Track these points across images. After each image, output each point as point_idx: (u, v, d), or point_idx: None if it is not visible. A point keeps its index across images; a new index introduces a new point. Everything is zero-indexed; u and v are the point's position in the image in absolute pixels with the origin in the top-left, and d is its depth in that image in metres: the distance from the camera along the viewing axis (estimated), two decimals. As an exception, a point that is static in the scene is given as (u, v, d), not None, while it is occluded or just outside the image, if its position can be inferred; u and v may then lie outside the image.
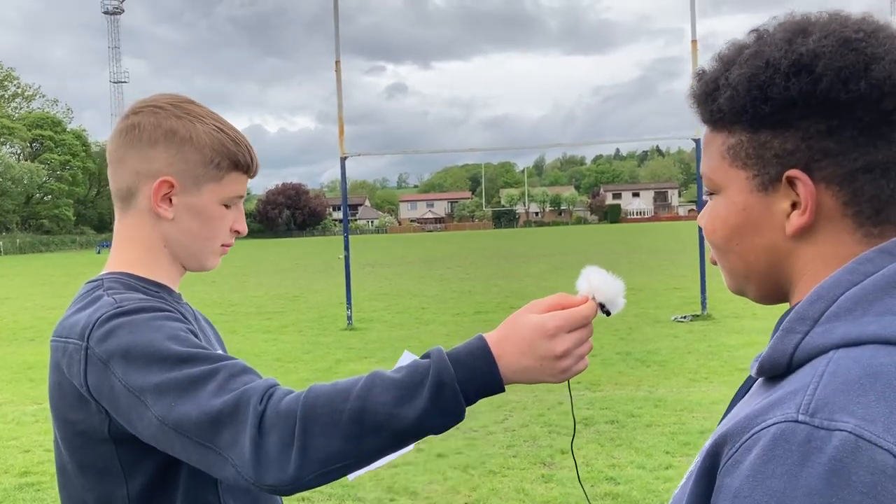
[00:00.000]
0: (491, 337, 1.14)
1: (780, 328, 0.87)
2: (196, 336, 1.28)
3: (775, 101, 0.86)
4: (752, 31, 0.92)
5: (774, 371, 0.86)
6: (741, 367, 8.69)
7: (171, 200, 1.37)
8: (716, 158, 0.94)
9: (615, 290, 1.20)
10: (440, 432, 1.12)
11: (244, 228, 1.47)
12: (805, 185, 0.86)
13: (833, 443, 0.72)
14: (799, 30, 0.88)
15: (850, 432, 0.72)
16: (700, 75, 0.95)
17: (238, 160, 1.40)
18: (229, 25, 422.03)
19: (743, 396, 0.97)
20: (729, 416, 0.93)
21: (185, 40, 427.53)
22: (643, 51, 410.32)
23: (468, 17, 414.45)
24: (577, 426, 6.77)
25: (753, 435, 0.77)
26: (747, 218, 0.91)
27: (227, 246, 1.47)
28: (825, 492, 0.71)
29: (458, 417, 1.12)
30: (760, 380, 0.92)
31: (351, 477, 1.55)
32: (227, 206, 1.42)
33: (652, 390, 7.88)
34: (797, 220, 0.87)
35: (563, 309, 1.16)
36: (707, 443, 0.85)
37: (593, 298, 1.18)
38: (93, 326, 1.23)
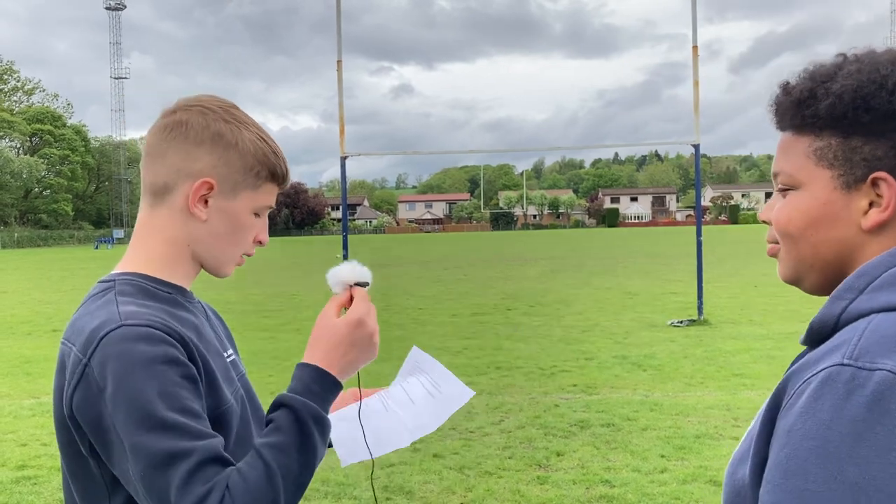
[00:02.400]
0: (319, 358, 1.34)
1: (830, 297, 1.01)
2: (194, 379, 1.27)
3: (877, 112, 0.98)
4: (839, 54, 1.06)
5: (822, 331, 0.99)
6: (737, 373, 8.73)
7: (206, 202, 1.38)
8: (800, 158, 1.05)
9: (355, 271, 1.43)
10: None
11: (266, 239, 1.49)
12: (890, 187, 0.98)
13: (874, 380, 0.85)
14: None
15: (889, 371, 0.85)
16: (787, 87, 1.07)
17: (276, 171, 1.43)
18: (235, 23, 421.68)
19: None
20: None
21: (191, 37, 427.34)
22: (647, 56, 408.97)
23: (473, 19, 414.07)
24: (572, 428, 6.80)
25: (805, 381, 0.90)
26: (827, 212, 1.02)
27: (247, 255, 1.48)
28: (867, 418, 0.84)
29: (329, 433, 1.33)
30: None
31: (343, 462, 1.59)
32: (256, 216, 1.44)
33: (648, 394, 7.91)
34: (877, 215, 0.99)
35: (341, 306, 1.41)
36: (767, 399, 0.99)
37: (353, 285, 1.43)
38: (96, 345, 1.23)
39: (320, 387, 1.31)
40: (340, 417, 1.56)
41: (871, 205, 1.00)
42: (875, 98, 0.98)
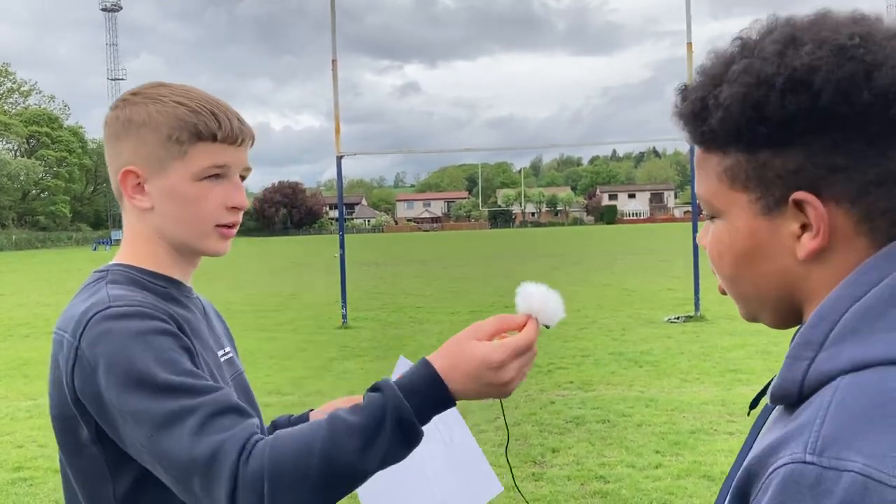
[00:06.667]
0: (439, 364, 1.18)
1: (787, 355, 0.82)
2: (191, 350, 1.26)
3: (772, 121, 0.80)
4: (737, 38, 0.86)
5: (787, 401, 0.82)
6: (733, 369, 8.75)
7: (144, 189, 1.35)
8: (712, 181, 0.88)
9: (555, 308, 1.20)
10: (402, 460, 1.17)
11: (241, 201, 1.37)
12: (815, 209, 0.80)
13: (842, 485, 0.68)
14: (788, 40, 0.81)
15: (858, 473, 0.68)
16: (684, 93, 0.89)
17: (199, 129, 1.31)
18: (242, 23, 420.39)
19: (764, 422, 0.94)
20: (754, 446, 0.90)
21: (194, 37, 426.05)
22: (650, 52, 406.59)
23: (476, 17, 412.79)
24: (568, 425, 6.82)
25: (768, 476, 0.75)
26: (755, 244, 0.85)
27: (227, 226, 1.38)
28: None
29: (417, 444, 1.17)
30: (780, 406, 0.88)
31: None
32: (212, 180, 1.34)
33: (644, 390, 7.93)
34: (810, 243, 0.81)
35: (505, 330, 1.22)
36: (735, 477, 0.84)
37: (535, 318, 1.19)
38: (85, 325, 1.23)
39: (426, 390, 1.16)
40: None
41: (804, 227, 0.82)
42: (767, 105, 0.79)
